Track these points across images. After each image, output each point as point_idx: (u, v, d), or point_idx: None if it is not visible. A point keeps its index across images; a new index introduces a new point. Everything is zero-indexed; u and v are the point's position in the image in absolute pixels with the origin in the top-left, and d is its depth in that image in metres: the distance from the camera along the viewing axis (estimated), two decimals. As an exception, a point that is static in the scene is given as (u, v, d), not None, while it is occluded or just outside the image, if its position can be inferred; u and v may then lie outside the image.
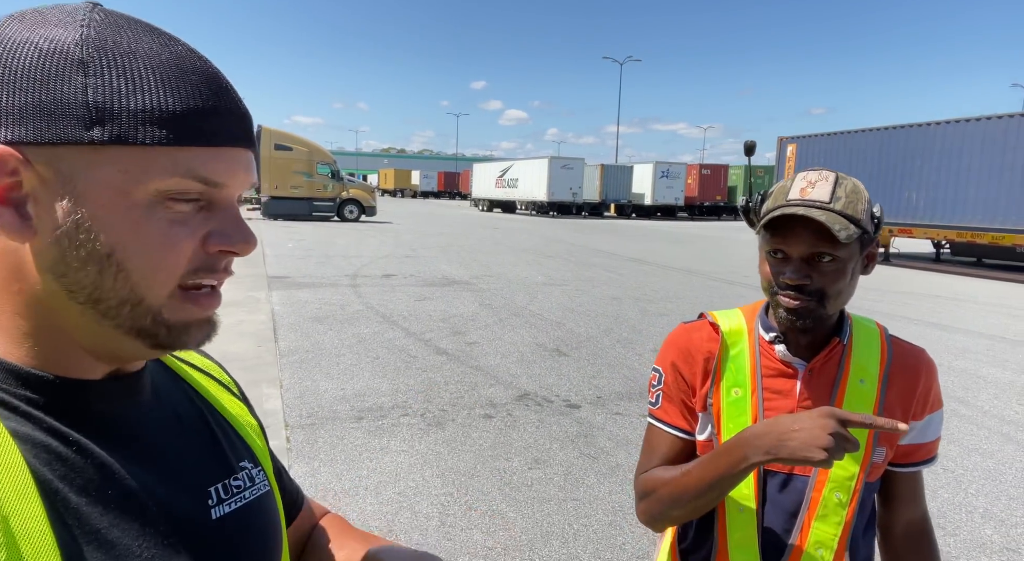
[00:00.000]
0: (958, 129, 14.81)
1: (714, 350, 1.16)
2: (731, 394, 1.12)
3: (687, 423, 1.17)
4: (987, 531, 3.37)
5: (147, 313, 0.49)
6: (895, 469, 1.16)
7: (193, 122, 0.47)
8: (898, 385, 1.12)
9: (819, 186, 1.03)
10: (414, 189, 78.22)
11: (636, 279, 12.05)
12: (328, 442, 4.18)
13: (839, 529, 1.08)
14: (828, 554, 1.08)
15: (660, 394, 1.19)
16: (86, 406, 0.50)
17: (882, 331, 1.18)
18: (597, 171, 40.05)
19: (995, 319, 9.21)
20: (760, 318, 1.17)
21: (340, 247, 15.88)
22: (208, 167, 0.48)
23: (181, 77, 0.47)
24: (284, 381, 5.36)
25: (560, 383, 5.60)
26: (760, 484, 1.09)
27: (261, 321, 7.45)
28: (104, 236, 0.46)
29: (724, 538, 1.12)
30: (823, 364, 1.11)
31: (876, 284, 12.49)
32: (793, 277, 1.02)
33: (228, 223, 0.51)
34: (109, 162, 0.45)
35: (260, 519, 0.60)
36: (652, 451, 1.18)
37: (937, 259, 17.12)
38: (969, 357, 6.91)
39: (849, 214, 1.01)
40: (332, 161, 25.41)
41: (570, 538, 3.15)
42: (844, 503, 1.08)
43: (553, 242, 19.70)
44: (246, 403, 0.72)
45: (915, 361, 1.14)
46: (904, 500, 1.17)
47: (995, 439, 4.64)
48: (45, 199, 0.45)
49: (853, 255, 1.05)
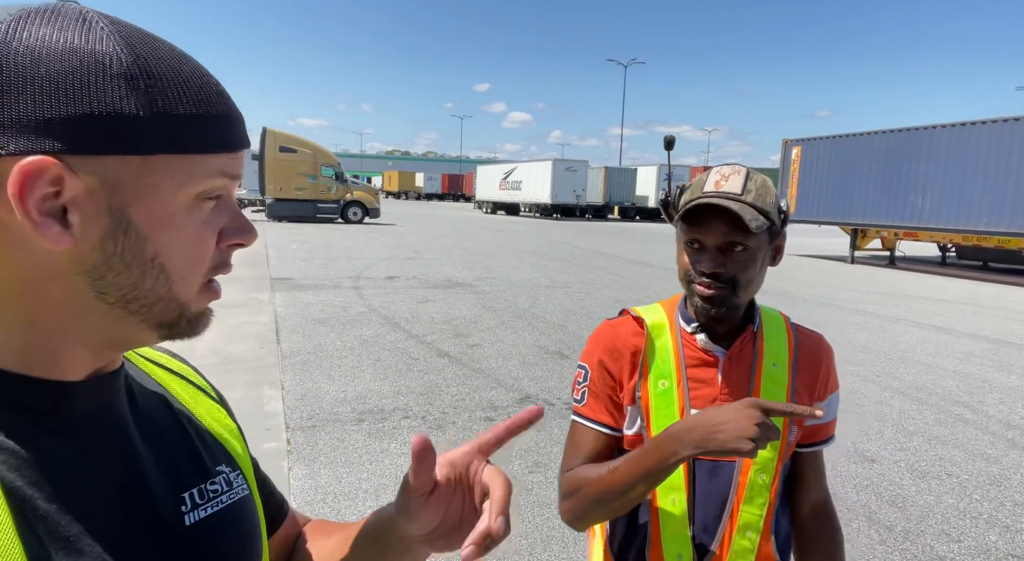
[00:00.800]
0: (963, 132, 14.75)
1: (640, 344, 1.19)
2: (658, 386, 1.15)
3: (612, 419, 1.19)
4: (992, 537, 3.33)
5: (177, 308, 0.51)
6: (800, 450, 1.22)
7: (220, 129, 0.50)
8: (804, 369, 1.19)
9: (732, 179, 1.10)
10: (418, 191, 78.38)
11: (639, 282, 12.03)
12: (329, 444, 4.17)
13: (764, 509, 1.12)
14: (755, 536, 1.12)
15: (586, 391, 1.22)
16: (62, 408, 0.49)
17: (786, 318, 1.25)
18: (601, 173, 40.06)
19: (1001, 323, 9.15)
20: (680, 310, 1.22)
21: (343, 249, 15.91)
22: (231, 165, 0.51)
23: (202, 85, 0.50)
24: (286, 383, 5.35)
25: (562, 386, 5.58)
26: (689, 474, 1.12)
27: (264, 322, 7.46)
28: (151, 241, 0.48)
29: (657, 530, 1.14)
30: (739, 350, 1.17)
31: (881, 288, 12.44)
32: (709, 265, 1.09)
33: (235, 218, 0.54)
34: (157, 171, 0.47)
35: (237, 524, 0.60)
36: (577, 448, 1.19)
37: (943, 262, 17.06)
38: (974, 361, 6.86)
39: (759, 206, 1.08)
40: (336, 163, 25.47)
41: (570, 542, 3.13)
42: (767, 484, 1.13)
43: (556, 244, 19.69)
44: (224, 406, 0.72)
45: (817, 346, 1.22)
46: (809, 480, 1.24)
47: (1000, 444, 4.60)
48: (89, 207, 0.46)
49: (763, 245, 1.11)
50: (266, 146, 24.13)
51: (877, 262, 17.29)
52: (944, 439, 4.64)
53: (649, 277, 12.75)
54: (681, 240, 1.15)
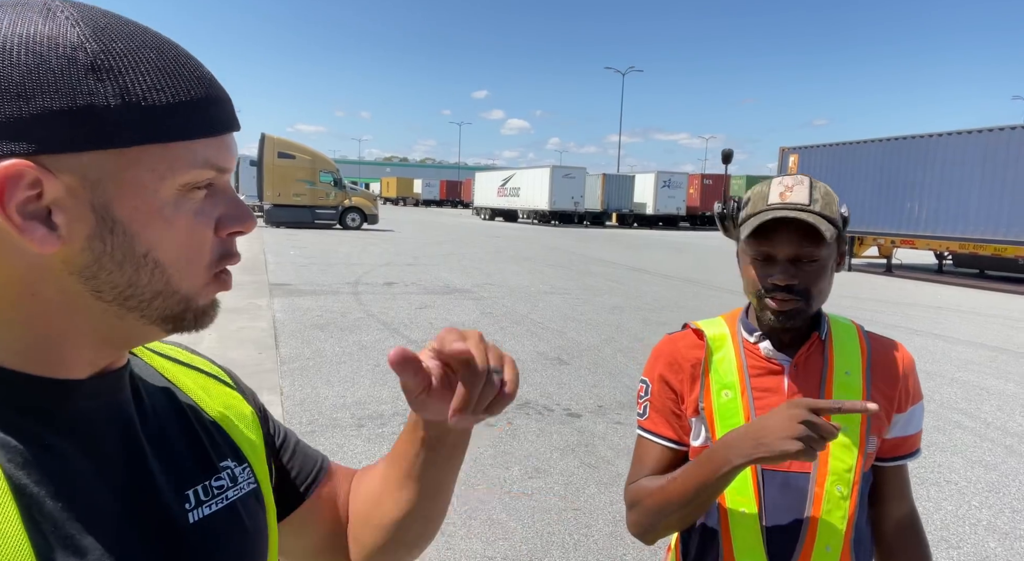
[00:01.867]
0: (960, 141, 14.82)
1: (700, 356, 1.18)
2: (722, 397, 1.14)
3: (675, 433, 1.18)
4: (991, 544, 3.34)
5: (180, 302, 0.50)
6: (882, 464, 1.18)
7: (202, 113, 0.48)
8: (880, 377, 1.15)
9: (796, 190, 1.08)
10: (416, 198, 78.39)
11: (637, 288, 12.04)
12: (328, 449, 4.16)
13: (844, 523, 1.08)
14: (836, 551, 1.08)
15: (648, 405, 1.20)
16: (66, 406, 0.49)
17: (858, 327, 1.22)
18: (599, 180, 40.13)
19: (998, 331, 9.18)
20: (742, 321, 1.20)
21: (342, 255, 15.90)
22: (219, 155, 0.50)
23: (178, 69, 0.47)
24: (285, 388, 5.35)
25: (561, 392, 5.58)
26: (759, 486, 1.09)
27: (262, 328, 7.45)
28: (140, 237, 0.46)
29: (729, 544, 1.11)
30: (806, 358, 1.14)
31: (878, 295, 12.47)
32: (782, 278, 1.07)
33: (232, 206, 0.52)
34: (136, 163, 0.45)
35: (241, 521, 0.59)
36: (641, 462, 1.18)
37: (940, 270, 17.09)
38: (972, 369, 6.88)
39: (827, 215, 1.07)
40: (335, 169, 25.48)
41: (570, 548, 3.13)
42: (846, 496, 1.09)
43: (555, 251, 19.71)
44: (242, 391, 0.71)
45: (894, 353, 1.18)
46: (893, 496, 1.19)
47: (999, 451, 4.61)
48: (72, 207, 0.44)
49: (832, 254, 1.10)
50: (264, 152, 24.17)
51: (874, 270, 17.33)
52: (943, 446, 4.65)
53: (647, 283, 12.77)
54: (747, 253, 1.12)
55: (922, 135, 15.77)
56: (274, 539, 0.65)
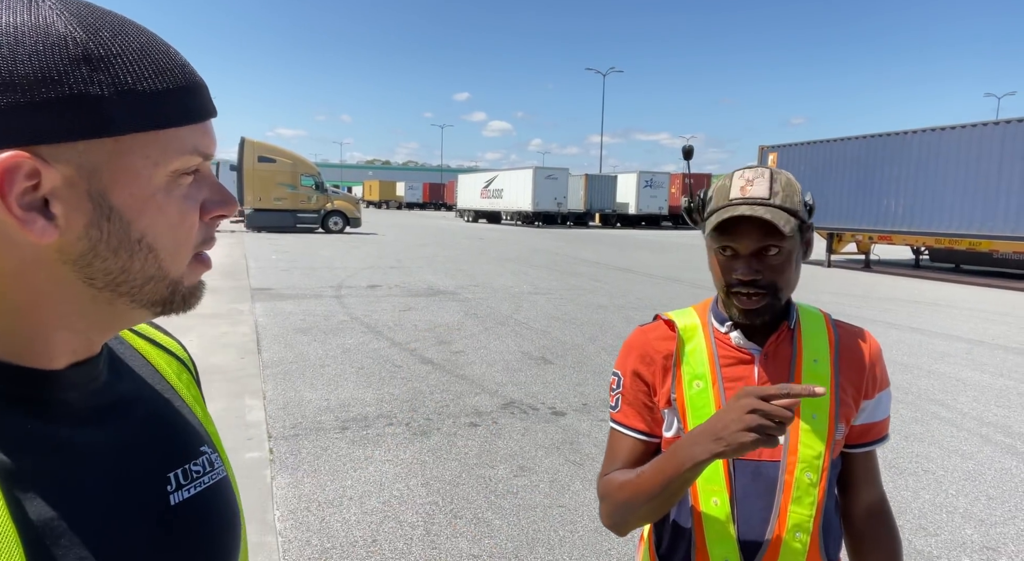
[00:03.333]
0: (934, 137, 15.09)
1: (671, 347, 1.18)
2: (693, 387, 1.14)
3: (647, 425, 1.18)
4: (968, 531, 3.40)
5: (169, 285, 0.51)
6: (851, 451, 1.19)
7: (187, 100, 0.49)
8: (848, 364, 1.16)
9: (757, 183, 1.08)
10: (399, 200, 78.14)
11: (621, 287, 12.10)
12: (312, 453, 4.14)
13: (813, 509, 1.09)
14: (805, 537, 1.09)
15: (619, 397, 1.20)
16: (48, 394, 0.50)
17: (826, 316, 1.22)
18: (581, 181, 40.28)
19: (974, 323, 9.35)
20: (713, 311, 1.21)
21: (324, 258, 15.81)
22: (204, 141, 0.51)
23: (163, 58, 0.48)
24: (267, 392, 5.31)
25: (546, 391, 5.60)
26: (730, 475, 1.11)
27: (244, 333, 7.38)
28: (135, 223, 0.47)
29: (701, 534, 1.12)
30: (776, 347, 1.15)
31: (857, 290, 12.64)
32: (746, 273, 1.07)
33: (215, 190, 0.54)
34: (131, 151, 0.46)
35: (218, 505, 0.60)
36: (614, 454, 1.18)
37: (916, 265, 17.37)
38: (949, 361, 7.00)
39: (788, 207, 1.06)
40: (316, 173, 25.33)
41: (556, 545, 3.14)
42: (815, 483, 1.10)
43: (538, 252, 19.74)
44: (198, 384, 0.72)
45: (861, 342, 1.19)
46: (862, 481, 1.20)
47: (974, 440, 4.70)
48: (70, 197, 0.45)
49: (795, 244, 1.10)
50: (244, 156, 23.95)
51: (853, 265, 17.57)
52: (920, 436, 4.73)
53: (630, 283, 12.83)
54: (712, 248, 1.13)
55: (898, 132, 16.03)
56: (245, 529, 0.66)
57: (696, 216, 1.20)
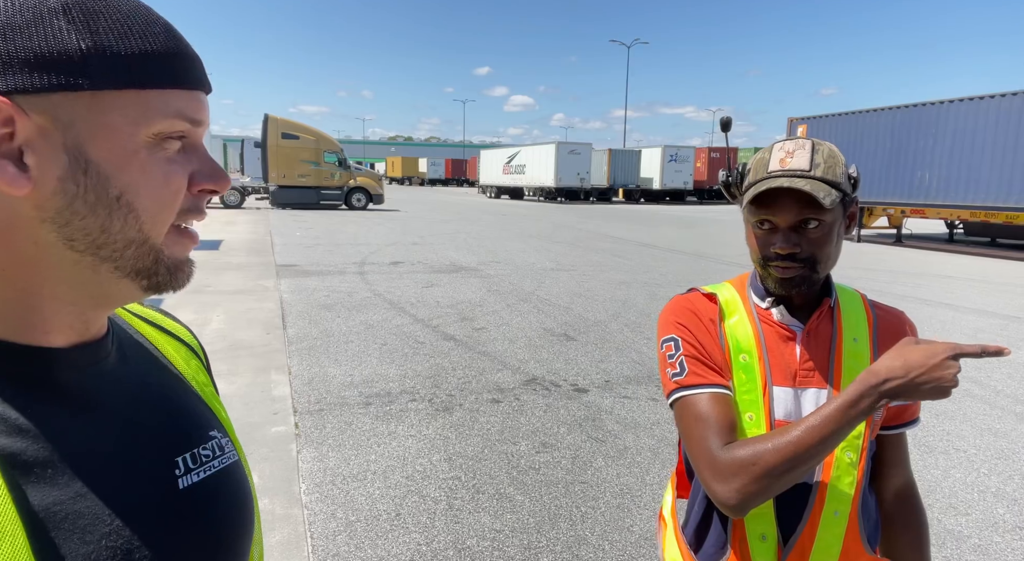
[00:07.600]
0: (971, 107, 14.56)
1: (714, 315, 1.15)
2: (739, 359, 1.11)
3: (722, 377, 1.09)
4: (1000, 510, 3.34)
5: (150, 252, 0.50)
6: (884, 432, 1.17)
7: (174, 65, 0.49)
8: (886, 344, 1.12)
9: (797, 155, 1.04)
10: (422, 177, 78.18)
11: (644, 263, 12.00)
12: (336, 428, 4.19)
13: (852, 489, 1.08)
14: (843, 516, 1.07)
15: (681, 361, 1.10)
16: (49, 374, 0.49)
17: (863, 296, 1.20)
18: (605, 156, 39.83)
19: (1009, 299, 9.10)
20: (752, 286, 1.18)
21: (348, 235, 15.91)
22: (191, 107, 0.50)
23: (149, 22, 0.49)
24: (293, 368, 5.38)
25: (568, 368, 5.59)
26: None
27: (270, 309, 7.48)
28: (113, 179, 0.47)
29: None
30: (818, 324, 1.12)
31: (889, 265, 12.37)
32: (784, 246, 1.05)
33: (206, 163, 0.53)
34: (110, 107, 0.46)
35: (229, 489, 0.59)
36: (705, 423, 1.03)
37: (950, 240, 16.94)
38: (982, 337, 6.83)
39: (830, 179, 1.03)
40: (339, 149, 25.40)
41: (577, 520, 3.15)
42: (854, 462, 1.08)
43: (561, 228, 19.64)
44: (207, 369, 0.72)
45: (898, 322, 1.17)
46: (893, 463, 1.19)
47: (1008, 419, 4.59)
48: (44, 149, 0.45)
49: (837, 218, 1.07)
50: (268, 133, 24.08)
51: (884, 240, 17.19)
52: (951, 414, 4.64)
53: (654, 259, 12.71)
54: (749, 221, 1.09)
55: (933, 102, 15.50)
56: (257, 510, 0.65)
57: (734, 190, 1.16)
